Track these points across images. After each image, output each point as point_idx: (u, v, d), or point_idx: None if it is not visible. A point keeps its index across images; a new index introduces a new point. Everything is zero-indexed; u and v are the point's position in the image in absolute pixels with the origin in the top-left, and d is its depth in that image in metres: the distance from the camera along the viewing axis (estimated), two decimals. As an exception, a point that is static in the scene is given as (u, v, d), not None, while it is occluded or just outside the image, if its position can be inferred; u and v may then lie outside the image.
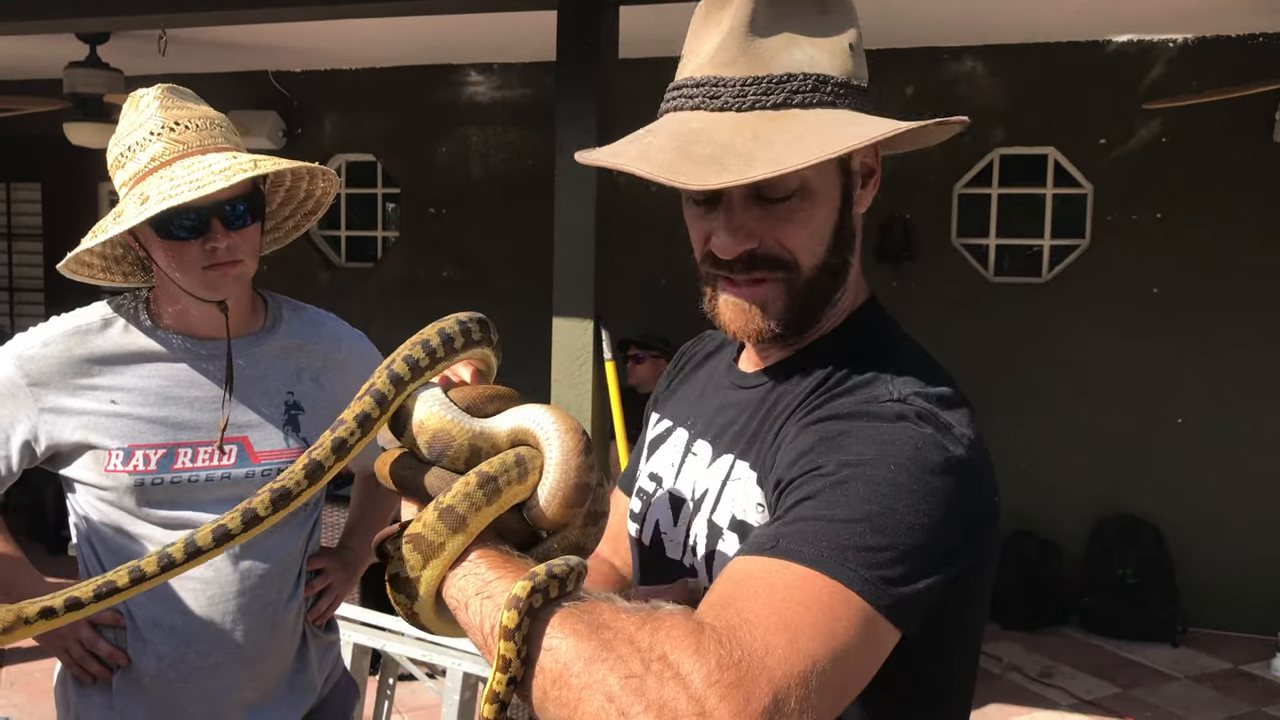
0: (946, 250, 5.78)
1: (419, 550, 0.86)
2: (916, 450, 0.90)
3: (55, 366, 1.65)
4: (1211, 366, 5.37)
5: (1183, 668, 4.98)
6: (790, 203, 0.99)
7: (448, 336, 0.96)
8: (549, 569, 0.81)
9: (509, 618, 0.79)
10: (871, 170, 1.06)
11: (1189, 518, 5.38)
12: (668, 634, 0.76)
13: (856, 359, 1.02)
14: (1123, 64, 5.37)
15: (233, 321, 1.72)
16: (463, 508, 0.85)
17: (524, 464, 0.90)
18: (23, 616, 0.83)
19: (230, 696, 1.72)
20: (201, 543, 0.89)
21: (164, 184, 1.56)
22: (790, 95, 0.97)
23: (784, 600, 0.80)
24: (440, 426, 0.91)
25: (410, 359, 0.94)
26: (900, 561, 0.85)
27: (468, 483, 0.86)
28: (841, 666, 0.79)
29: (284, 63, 6.53)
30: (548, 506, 0.91)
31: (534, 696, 0.79)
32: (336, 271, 6.91)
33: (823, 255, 1.02)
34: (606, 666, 0.75)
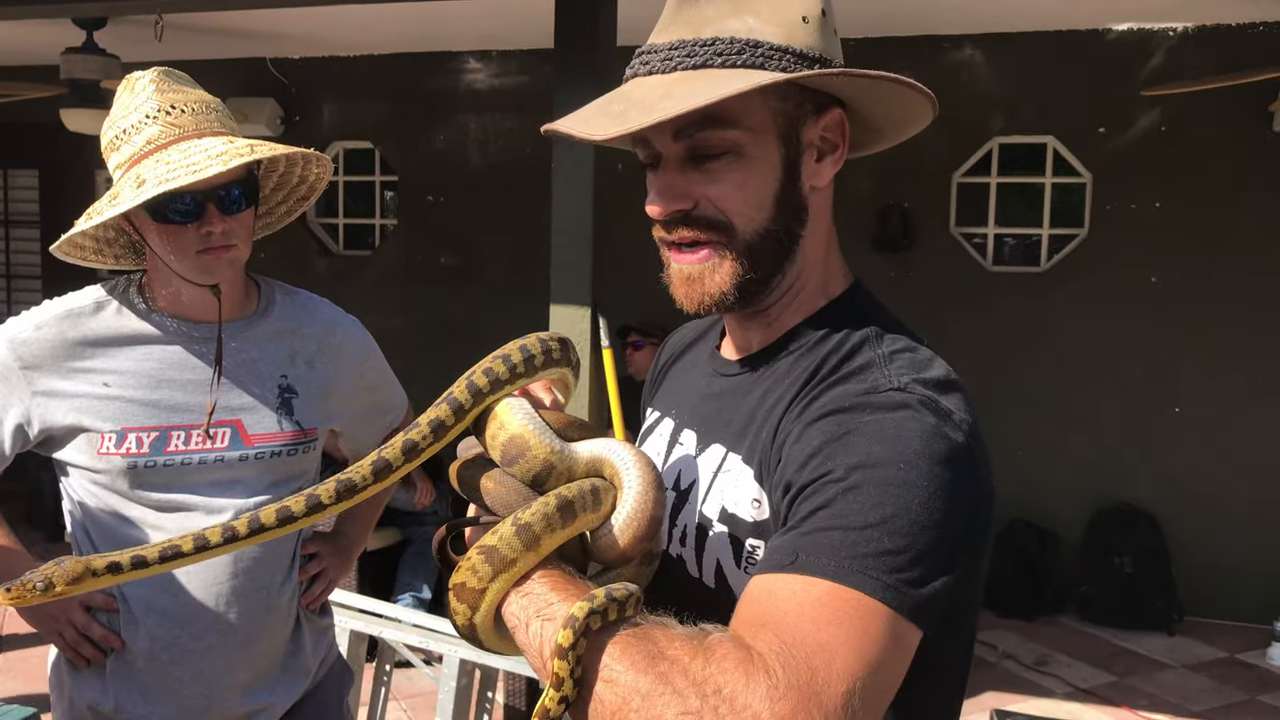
0: (945, 239, 5.78)
1: (490, 562, 0.85)
2: (923, 443, 0.90)
3: (48, 349, 1.65)
4: (1210, 356, 5.37)
5: (1178, 656, 4.99)
6: (722, 161, 0.99)
7: (529, 354, 0.97)
8: (608, 592, 0.82)
9: (564, 636, 0.80)
10: (835, 145, 1.05)
11: (1186, 507, 5.39)
12: (719, 665, 0.77)
13: (846, 345, 1.01)
14: (1122, 52, 5.36)
15: (226, 305, 1.72)
16: (539, 527, 0.85)
17: (599, 494, 0.91)
18: (91, 569, 0.86)
19: (223, 679, 1.72)
20: (265, 521, 0.91)
21: (160, 168, 1.56)
22: (712, 57, 0.97)
23: (815, 620, 0.81)
24: (519, 433, 0.92)
25: (491, 372, 0.95)
26: (918, 562, 0.85)
27: (546, 504, 0.86)
28: (877, 678, 0.80)
29: (282, 49, 6.52)
30: (620, 535, 0.91)
31: (588, 719, 0.81)
32: (334, 259, 6.90)
33: (763, 221, 1.01)
34: (664, 701, 0.76)
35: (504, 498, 0.91)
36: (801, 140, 1.02)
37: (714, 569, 1.04)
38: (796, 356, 1.04)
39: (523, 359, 0.96)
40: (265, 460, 1.74)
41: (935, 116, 1.05)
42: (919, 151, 5.65)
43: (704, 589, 1.04)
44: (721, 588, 1.03)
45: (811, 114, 1.02)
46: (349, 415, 1.89)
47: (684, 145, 0.99)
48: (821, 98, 1.03)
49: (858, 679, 0.78)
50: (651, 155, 1.03)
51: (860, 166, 1.41)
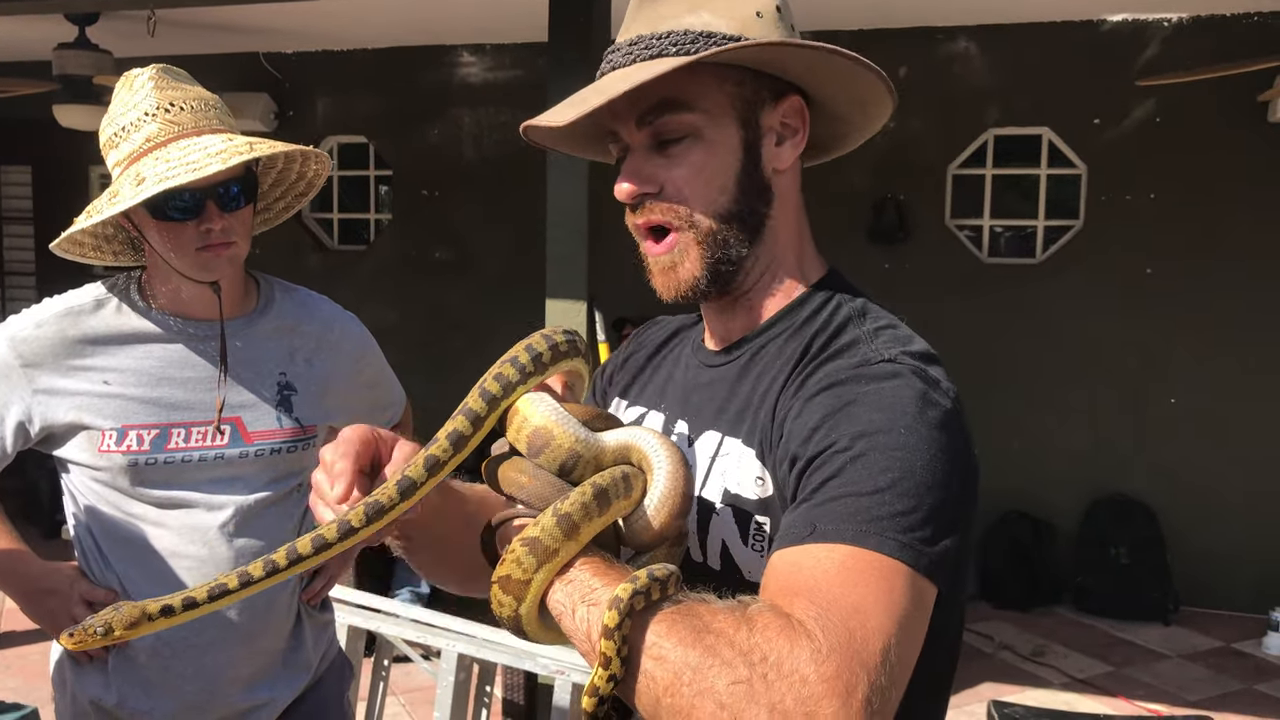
0: (940, 231, 5.78)
1: (534, 553, 0.86)
2: (918, 408, 0.94)
3: (49, 347, 1.65)
4: (1205, 347, 5.39)
5: (1175, 646, 5.01)
6: (682, 145, 1.04)
7: (536, 353, 0.97)
8: (650, 572, 0.83)
9: (610, 617, 0.81)
10: (795, 130, 1.08)
11: (1182, 498, 5.41)
12: (763, 634, 0.79)
13: (831, 325, 1.06)
14: (1117, 43, 5.36)
15: (226, 302, 1.72)
16: (578, 516, 0.87)
17: (630, 481, 0.92)
18: (146, 613, 0.90)
19: (225, 674, 1.73)
20: (303, 550, 0.90)
21: (159, 165, 1.56)
22: (668, 47, 1.02)
23: (844, 583, 0.83)
24: (543, 425, 0.93)
25: (501, 377, 0.96)
26: (928, 521, 0.88)
27: (584, 493, 0.88)
28: (906, 634, 0.83)
29: (275, 44, 6.50)
30: (655, 517, 0.93)
31: (646, 703, 0.82)
32: (328, 254, 6.89)
33: (725, 202, 1.05)
34: (715, 673, 0.77)
35: (537, 490, 0.92)
36: (761, 125, 1.06)
37: (719, 550, 1.06)
38: (784, 340, 1.08)
39: (531, 359, 0.97)
40: (265, 457, 1.74)
41: (893, 97, 1.08)
42: (914, 144, 5.66)
43: (710, 572, 1.06)
44: (728, 569, 1.05)
45: (769, 100, 1.06)
46: (348, 412, 1.89)
47: (647, 132, 1.05)
48: (780, 85, 1.07)
49: (891, 635, 0.81)
50: (621, 149, 1.08)
51: (855, 159, 1.41)
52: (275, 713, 1.81)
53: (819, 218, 1.16)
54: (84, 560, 1.75)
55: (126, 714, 1.71)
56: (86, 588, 1.71)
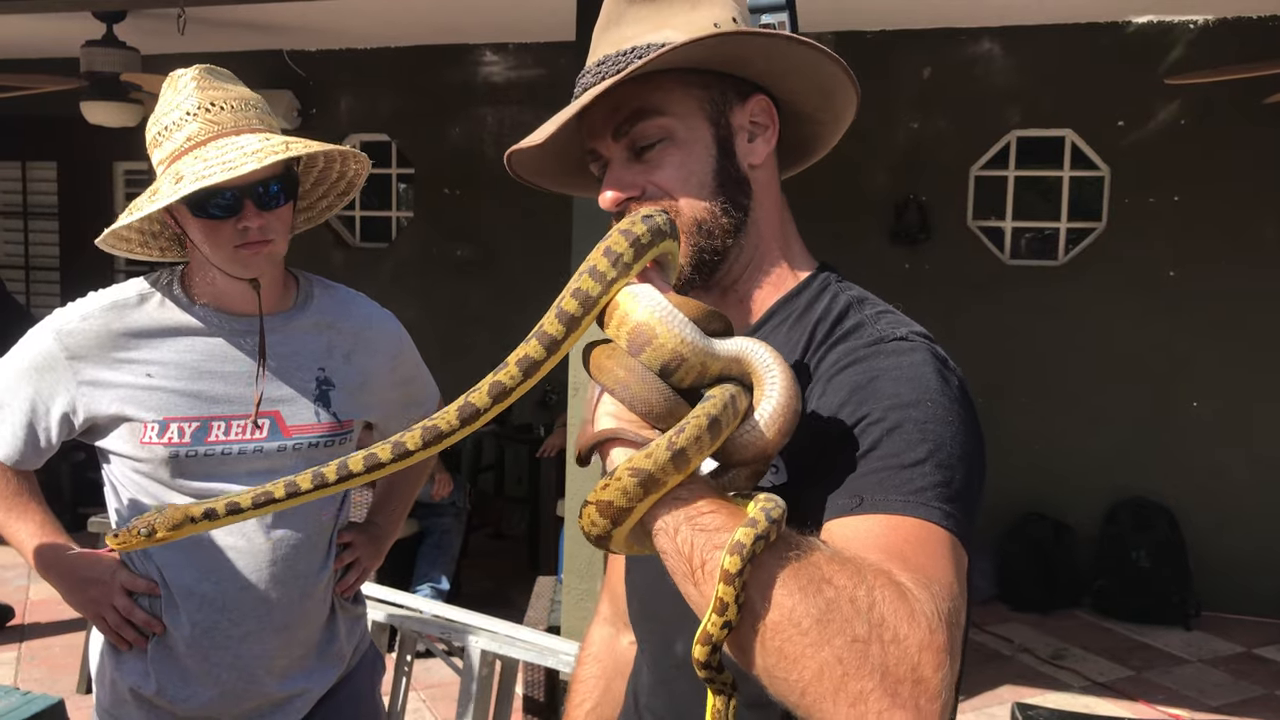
0: (962, 232, 5.78)
1: (643, 485, 0.83)
2: (939, 382, 0.98)
3: (93, 340, 1.68)
4: (1227, 351, 5.37)
5: (1195, 651, 4.99)
6: (658, 150, 1.07)
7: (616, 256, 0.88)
8: (767, 514, 0.81)
9: (731, 562, 0.79)
10: (765, 126, 1.12)
11: (1203, 502, 5.39)
12: (881, 594, 0.79)
13: (832, 312, 1.09)
14: (1142, 45, 5.35)
15: (266, 299, 1.75)
16: (692, 450, 0.83)
17: (737, 401, 0.87)
18: (189, 515, 0.91)
19: (262, 664, 1.75)
20: (354, 468, 0.90)
21: (198, 164, 1.58)
22: (631, 60, 1.06)
23: (904, 553, 0.85)
24: (645, 320, 0.87)
25: (580, 292, 0.88)
26: (963, 490, 0.92)
27: (699, 425, 0.83)
28: (961, 598, 0.86)
29: (299, 42, 6.54)
30: (766, 430, 0.89)
31: (747, 646, 0.81)
32: (351, 251, 6.93)
33: (706, 196, 1.08)
34: (835, 628, 0.77)
35: (634, 390, 0.87)
36: (731, 124, 1.10)
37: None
38: (785, 330, 1.10)
39: (611, 262, 0.88)
40: (303, 451, 1.76)
41: (854, 84, 1.10)
42: (936, 144, 5.66)
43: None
44: None
45: (736, 100, 1.10)
46: (384, 407, 1.91)
47: (624, 143, 1.08)
48: (745, 86, 1.11)
49: (954, 599, 0.83)
50: (601, 166, 1.11)
51: (878, 161, 1.42)
52: (310, 703, 1.82)
53: (841, 218, 1.18)
54: (125, 550, 1.77)
55: (165, 702, 1.73)
56: (127, 577, 1.73)
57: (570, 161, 1.17)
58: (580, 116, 1.07)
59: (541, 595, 4.06)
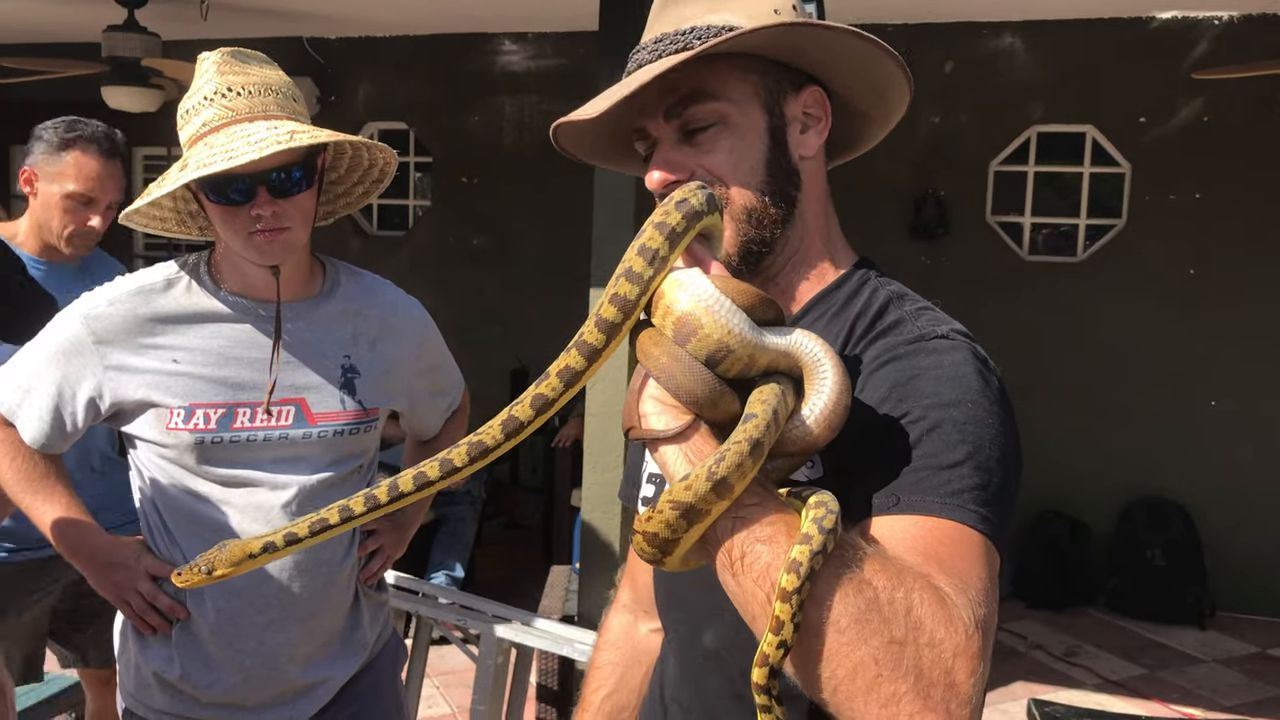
0: (981, 228, 5.75)
1: (686, 517, 0.81)
2: (981, 382, 0.97)
3: (120, 325, 1.68)
4: (1246, 350, 5.34)
5: (1209, 650, 4.98)
6: (711, 133, 1.06)
7: (652, 253, 0.85)
8: (821, 526, 0.79)
9: (789, 581, 0.78)
10: (818, 118, 1.11)
11: (1219, 501, 5.36)
12: (920, 597, 0.79)
13: (872, 307, 1.08)
14: (1166, 41, 5.31)
15: (290, 285, 1.74)
16: (734, 477, 0.80)
17: (785, 402, 0.85)
18: (249, 551, 0.92)
19: (285, 651, 1.75)
20: (404, 487, 0.90)
21: (205, 151, 1.58)
22: (691, 41, 1.05)
23: (941, 556, 0.85)
24: (690, 310, 0.84)
25: (618, 298, 0.85)
26: (999, 494, 0.92)
27: (740, 450, 0.80)
28: (994, 603, 0.86)
29: (319, 29, 6.54)
30: (817, 425, 0.87)
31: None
32: (368, 240, 6.94)
33: (756, 184, 1.07)
34: (872, 629, 0.78)
35: (675, 377, 0.85)
36: (785, 113, 1.09)
37: None
38: (824, 323, 1.10)
39: (648, 261, 0.84)
40: (328, 439, 1.76)
41: (909, 82, 1.09)
42: (956, 139, 5.63)
43: None
44: None
45: (790, 90, 1.09)
46: (409, 395, 1.91)
47: (675, 124, 1.07)
48: (799, 77, 1.10)
49: (986, 605, 0.84)
50: (649, 145, 1.10)
51: (897, 154, 1.42)
52: (333, 690, 1.83)
53: (859, 212, 1.17)
54: (150, 535, 1.78)
55: (189, 687, 1.74)
56: (152, 562, 1.74)
57: (616, 137, 1.15)
58: (632, 94, 1.05)
59: (556, 584, 4.07)
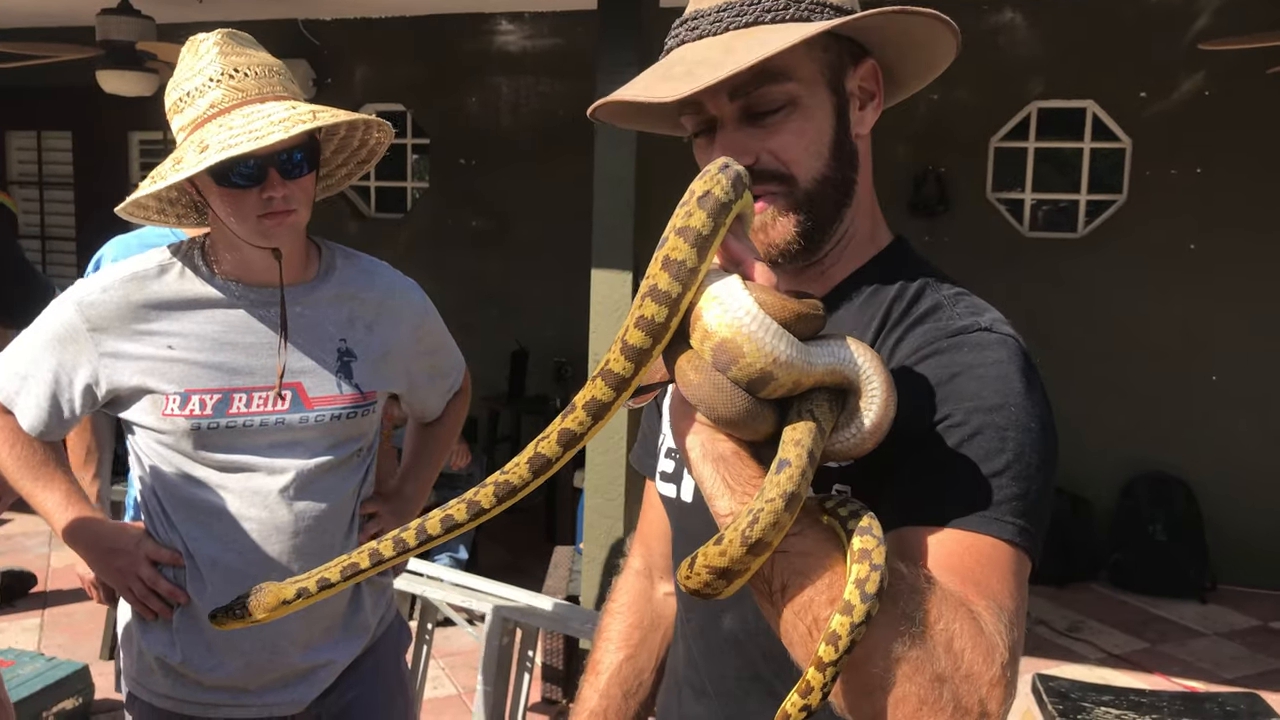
0: (981, 204, 5.73)
1: (723, 577, 0.79)
2: (1024, 384, 0.95)
3: (114, 312, 1.67)
4: (1247, 325, 5.33)
5: (1211, 624, 4.99)
6: (779, 115, 1.01)
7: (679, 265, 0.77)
8: (864, 593, 0.76)
9: (826, 652, 0.76)
10: (872, 94, 1.08)
11: (1220, 475, 5.37)
12: (960, 627, 0.80)
13: (908, 291, 1.05)
14: (1166, 15, 5.27)
15: (287, 269, 1.73)
16: (770, 535, 0.76)
17: (820, 438, 0.80)
18: (282, 598, 0.92)
19: (286, 636, 1.75)
20: (431, 530, 0.87)
21: (223, 133, 1.56)
22: (761, 14, 1.00)
23: (977, 576, 0.86)
24: (730, 337, 0.77)
25: (645, 321, 0.78)
26: (1038, 503, 0.91)
27: (775, 509, 0.76)
28: (1021, 619, 0.87)
29: (314, 11, 6.50)
30: (865, 440, 0.84)
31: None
32: (366, 222, 6.92)
33: (820, 169, 1.03)
34: (915, 665, 0.78)
35: (708, 400, 0.80)
36: (846, 90, 1.05)
37: None
38: (859, 306, 1.07)
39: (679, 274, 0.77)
40: (325, 423, 1.76)
41: (957, 50, 1.07)
42: (956, 116, 5.60)
43: None
44: None
45: (850, 64, 1.05)
46: (408, 379, 1.90)
47: (739, 104, 1.02)
48: (856, 49, 1.06)
49: (1016, 627, 0.85)
50: (702, 121, 1.05)
51: (897, 131, 1.41)
52: (335, 674, 1.83)
53: None
54: (149, 521, 1.78)
55: (191, 672, 1.74)
56: (152, 547, 1.74)
57: (663, 105, 1.07)
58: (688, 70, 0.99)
59: (560, 565, 4.08)
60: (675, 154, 1.14)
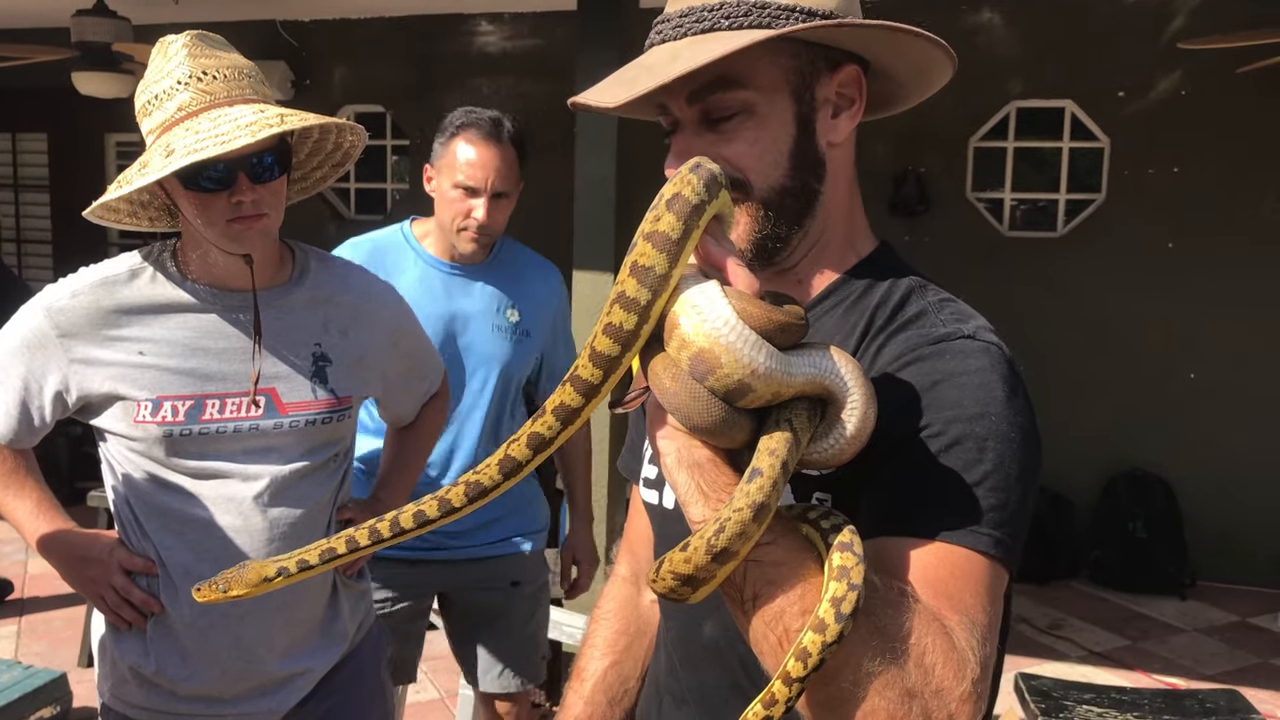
0: (961, 204, 5.75)
1: (688, 584, 0.79)
2: (1005, 393, 0.94)
3: (84, 317, 1.65)
4: (1225, 323, 5.36)
5: (1191, 620, 5.02)
6: (734, 122, 1.00)
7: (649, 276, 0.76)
8: (839, 612, 0.76)
9: (795, 668, 0.76)
10: (851, 101, 1.04)
11: (1199, 473, 5.40)
12: (931, 641, 0.80)
13: (893, 297, 1.04)
14: (1144, 15, 5.30)
15: (260, 273, 1.71)
16: (736, 545, 0.76)
17: (795, 449, 0.79)
18: (264, 575, 0.94)
19: (262, 644, 1.74)
20: (405, 524, 0.88)
21: (189, 137, 1.54)
22: (719, 20, 0.98)
23: (950, 589, 0.85)
24: (708, 347, 0.76)
25: (612, 328, 0.77)
26: (1016, 514, 0.90)
27: (742, 519, 0.75)
28: (996, 634, 0.87)
29: (292, 12, 6.46)
30: (842, 451, 0.83)
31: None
32: (346, 224, 6.88)
33: (778, 178, 1.01)
34: (886, 680, 0.78)
35: (683, 407, 0.79)
36: (816, 97, 1.02)
37: None
38: (843, 311, 1.05)
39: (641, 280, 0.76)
40: (300, 428, 1.74)
41: (954, 65, 1.05)
42: (936, 116, 5.60)
43: None
44: None
45: (825, 71, 1.02)
46: (385, 383, 1.89)
47: (698, 109, 1.01)
48: (836, 54, 1.03)
49: (988, 642, 0.84)
50: (671, 122, 1.04)
51: (876, 131, 1.40)
52: (313, 681, 1.81)
53: None
54: (122, 529, 1.76)
55: (165, 681, 1.72)
56: (125, 556, 1.72)
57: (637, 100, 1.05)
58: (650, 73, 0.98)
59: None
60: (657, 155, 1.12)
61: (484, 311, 2.49)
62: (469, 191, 2.39)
